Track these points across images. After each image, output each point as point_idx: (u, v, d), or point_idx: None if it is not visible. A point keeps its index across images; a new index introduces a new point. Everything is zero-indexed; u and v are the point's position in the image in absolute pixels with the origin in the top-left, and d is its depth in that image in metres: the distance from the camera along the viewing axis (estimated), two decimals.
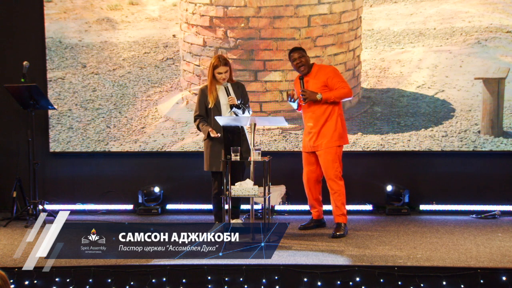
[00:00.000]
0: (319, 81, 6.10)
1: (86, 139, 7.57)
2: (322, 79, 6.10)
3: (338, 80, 6.11)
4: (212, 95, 6.02)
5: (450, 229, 6.45)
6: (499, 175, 7.29)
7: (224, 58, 6.03)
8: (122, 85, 7.56)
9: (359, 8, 7.30)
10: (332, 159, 6.08)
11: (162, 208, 7.41)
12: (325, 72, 6.13)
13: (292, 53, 6.17)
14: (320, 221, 6.42)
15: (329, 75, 6.09)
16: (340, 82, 6.10)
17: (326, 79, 6.09)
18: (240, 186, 5.78)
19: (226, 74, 5.99)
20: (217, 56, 6.07)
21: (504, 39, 7.17)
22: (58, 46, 7.56)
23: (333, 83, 6.08)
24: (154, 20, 7.50)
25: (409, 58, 7.28)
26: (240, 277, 5.06)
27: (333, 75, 6.11)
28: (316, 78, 6.12)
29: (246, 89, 6.24)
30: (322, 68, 6.20)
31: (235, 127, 6.04)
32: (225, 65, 5.98)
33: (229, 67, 6.03)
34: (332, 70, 6.18)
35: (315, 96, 6.04)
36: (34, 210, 6.79)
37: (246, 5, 7.25)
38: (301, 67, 6.12)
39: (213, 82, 6.04)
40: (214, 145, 6.06)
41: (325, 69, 6.20)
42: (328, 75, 6.09)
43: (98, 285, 5.07)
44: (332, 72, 6.14)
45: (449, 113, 7.25)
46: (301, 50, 6.19)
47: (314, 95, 6.04)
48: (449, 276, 4.95)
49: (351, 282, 4.99)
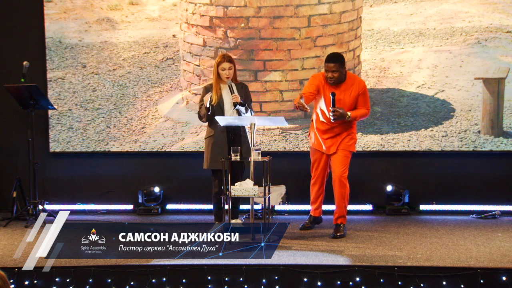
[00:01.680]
0: (352, 95, 6.02)
1: (86, 139, 7.56)
2: (355, 93, 6.01)
3: (365, 99, 6.07)
4: (216, 94, 6.03)
5: (450, 229, 6.45)
6: (499, 175, 7.28)
7: (229, 56, 6.08)
8: (122, 85, 7.56)
9: (359, 8, 7.30)
10: (345, 161, 6.07)
11: (162, 208, 7.41)
12: (359, 88, 6.03)
13: (328, 62, 5.98)
14: (318, 218, 6.41)
15: (361, 92, 6.03)
16: (367, 102, 6.08)
17: (358, 95, 6.02)
18: (240, 186, 5.78)
19: (230, 71, 6.01)
20: (222, 54, 6.12)
21: (504, 39, 7.17)
22: (58, 46, 7.56)
23: (361, 101, 6.04)
24: (154, 20, 7.50)
25: (409, 58, 7.28)
26: (240, 277, 5.06)
27: (363, 92, 6.05)
28: (351, 92, 6.02)
29: (249, 91, 6.24)
30: (357, 82, 6.08)
31: (237, 127, 6.04)
32: (229, 62, 6.01)
33: (234, 65, 6.05)
34: (364, 87, 6.09)
35: (345, 117, 5.94)
36: (34, 210, 6.79)
37: (246, 5, 7.25)
38: (330, 80, 5.98)
39: (218, 81, 6.06)
40: (216, 144, 6.06)
41: (359, 84, 6.08)
42: (360, 92, 6.02)
43: (98, 285, 5.08)
44: (364, 88, 6.08)
45: (449, 113, 7.25)
46: (339, 63, 5.96)
47: (344, 115, 5.93)
48: (449, 276, 4.96)
49: (351, 282, 4.99)
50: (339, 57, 6.04)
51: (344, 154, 6.08)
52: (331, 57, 6.02)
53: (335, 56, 6.04)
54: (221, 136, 6.05)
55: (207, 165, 6.15)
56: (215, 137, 6.06)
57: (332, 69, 5.96)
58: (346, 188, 6.10)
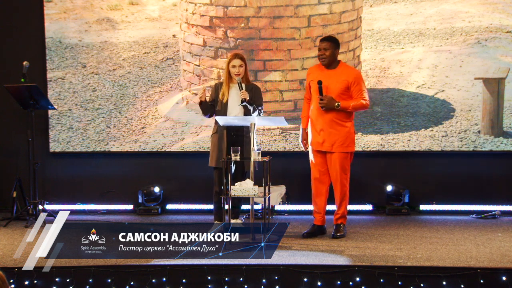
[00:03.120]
0: (341, 83, 5.91)
1: (86, 139, 7.56)
2: (346, 81, 5.91)
3: (360, 89, 5.92)
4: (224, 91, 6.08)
5: (450, 229, 6.45)
6: (499, 175, 7.29)
7: (240, 54, 6.13)
8: (122, 85, 7.56)
9: (359, 8, 7.30)
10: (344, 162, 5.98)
11: (162, 208, 7.41)
12: (350, 76, 5.93)
13: (321, 41, 5.98)
14: (323, 227, 6.21)
15: (354, 81, 5.91)
16: (361, 93, 5.93)
17: (349, 84, 5.91)
18: (240, 186, 5.78)
19: (240, 69, 6.03)
20: (234, 51, 6.27)
21: (504, 39, 7.17)
22: (58, 46, 7.56)
23: (355, 91, 5.92)
24: (154, 20, 7.50)
25: (409, 58, 7.28)
26: (240, 277, 5.06)
27: (356, 82, 5.92)
28: (340, 79, 5.92)
29: (261, 93, 6.23)
30: (348, 70, 6.00)
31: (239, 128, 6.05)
32: (240, 59, 6.04)
33: (245, 64, 6.09)
34: (357, 76, 5.97)
35: (333, 104, 5.85)
36: (34, 210, 6.79)
37: (246, 5, 7.25)
38: (321, 58, 5.96)
39: (228, 79, 6.10)
40: (220, 142, 6.08)
41: (351, 72, 5.98)
42: (352, 80, 5.91)
43: (98, 285, 5.08)
44: (357, 78, 5.94)
45: (449, 113, 7.25)
46: (330, 42, 5.95)
47: (332, 103, 5.86)
48: (449, 276, 4.96)
49: (351, 282, 4.99)
50: (333, 38, 6.06)
51: (343, 156, 6.00)
52: (325, 37, 6.08)
53: (329, 36, 6.11)
54: (223, 134, 6.07)
55: (212, 162, 6.15)
56: (219, 134, 6.09)
57: (324, 46, 5.94)
58: (346, 189, 6.07)
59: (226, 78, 6.10)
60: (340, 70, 5.98)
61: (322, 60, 5.98)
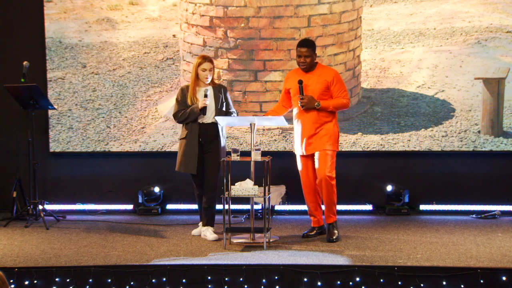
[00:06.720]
0: (321, 84, 5.94)
1: (86, 139, 7.57)
2: (325, 82, 5.94)
3: (339, 88, 5.96)
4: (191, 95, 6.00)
5: (450, 229, 6.45)
6: (499, 175, 7.28)
7: (209, 57, 6.08)
8: (122, 85, 7.56)
9: (359, 8, 7.30)
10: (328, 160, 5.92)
11: (162, 208, 7.41)
12: (329, 76, 5.96)
13: (300, 47, 5.95)
14: (322, 228, 6.19)
15: (332, 80, 5.94)
16: (342, 91, 5.96)
17: (329, 83, 5.94)
18: (240, 186, 5.78)
19: (210, 72, 5.99)
20: (201, 55, 6.14)
21: (504, 39, 7.17)
22: (58, 46, 7.56)
23: (335, 90, 5.95)
24: (154, 20, 7.50)
25: (409, 58, 7.28)
26: (240, 277, 5.06)
27: (336, 81, 5.96)
28: (319, 80, 5.95)
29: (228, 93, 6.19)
30: (326, 70, 6.04)
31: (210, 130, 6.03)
32: (210, 62, 6.00)
33: (213, 67, 6.05)
34: (336, 76, 6.00)
35: (313, 104, 5.87)
36: (34, 210, 6.79)
37: (246, 5, 7.25)
38: (302, 65, 5.97)
39: (196, 82, 6.04)
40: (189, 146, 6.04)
41: (329, 72, 6.02)
42: (331, 80, 5.94)
43: (98, 285, 5.07)
44: (336, 78, 5.98)
45: (449, 113, 7.25)
46: (311, 48, 5.95)
47: (313, 102, 5.88)
48: (449, 276, 4.96)
49: (351, 282, 4.99)
50: (311, 42, 6.03)
51: (326, 153, 5.92)
52: (304, 42, 6.00)
53: (308, 41, 6.04)
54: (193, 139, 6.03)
55: (177, 167, 6.14)
56: (187, 139, 6.04)
57: (304, 53, 5.92)
58: (333, 187, 5.94)
59: (193, 81, 6.03)
60: (319, 71, 6.01)
61: (303, 67, 5.99)
